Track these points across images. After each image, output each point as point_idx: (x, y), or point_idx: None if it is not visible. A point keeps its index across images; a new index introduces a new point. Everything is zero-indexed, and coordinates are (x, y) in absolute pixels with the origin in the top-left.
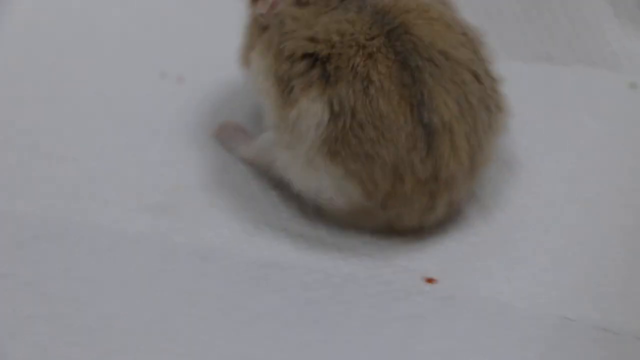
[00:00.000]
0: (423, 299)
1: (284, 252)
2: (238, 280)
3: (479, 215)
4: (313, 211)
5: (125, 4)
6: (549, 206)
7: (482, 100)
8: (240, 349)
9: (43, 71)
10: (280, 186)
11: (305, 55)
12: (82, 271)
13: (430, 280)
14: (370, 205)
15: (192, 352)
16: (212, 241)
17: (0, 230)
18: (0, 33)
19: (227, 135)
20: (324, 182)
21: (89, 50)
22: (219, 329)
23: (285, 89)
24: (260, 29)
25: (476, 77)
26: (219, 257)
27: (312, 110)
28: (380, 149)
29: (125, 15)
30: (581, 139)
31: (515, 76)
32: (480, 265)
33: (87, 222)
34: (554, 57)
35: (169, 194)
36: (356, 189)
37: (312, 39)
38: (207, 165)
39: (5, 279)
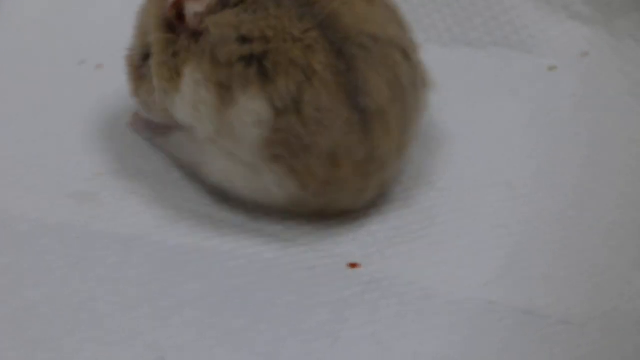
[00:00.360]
0: (347, 284)
1: (206, 238)
2: (161, 267)
3: (402, 199)
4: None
5: None
6: (470, 189)
7: (410, 78)
8: (165, 336)
9: None
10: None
11: (241, 57)
12: (3, 259)
13: (353, 265)
14: (305, 195)
15: (117, 339)
16: (134, 228)
17: None
18: None
19: (141, 125)
20: (265, 182)
21: (6, 37)
22: (143, 316)
23: (226, 93)
24: (189, 41)
25: (404, 54)
26: (141, 244)
27: (251, 107)
28: (318, 139)
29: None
30: (502, 122)
31: (435, 60)
32: (403, 250)
33: (6, 210)
34: (472, 41)
35: (89, 181)
36: (294, 181)
37: (244, 39)
38: (128, 153)
39: None
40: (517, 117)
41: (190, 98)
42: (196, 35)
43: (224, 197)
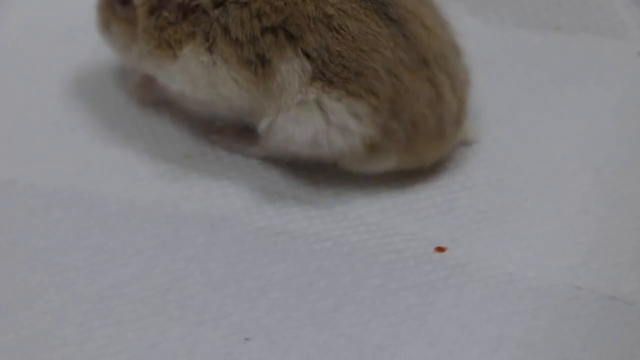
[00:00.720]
0: (433, 268)
1: (293, 220)
2: (248, 249)
3: (489, 183)
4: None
5: None
6: (558, 174)
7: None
8: (252, 317)
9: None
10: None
11: (263, 31)
12: (93, 240)
13: (440, 249)
14: (382, 120)
15: (204, 319)
16: (222, 209)
17: (10, 199)
18: None
19: (229, 140)
20: (332, 115)
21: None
22: (230, 297)
23: (257, 66)
24: (171, 23)
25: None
26: (229, 225)
27: (292, 69)
28: (366, 63)
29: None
30: (590, 107)
31: (523, 44)
32: (489, 234)
33: (97, 191)
34: (562, 26)
35: (179, 162)
36: (363, 106)
37: (259, 16)
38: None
39: (17, 248)
40: (606, 102)
41: (204, 79)
42: (183, 9)
43: (311, 179)
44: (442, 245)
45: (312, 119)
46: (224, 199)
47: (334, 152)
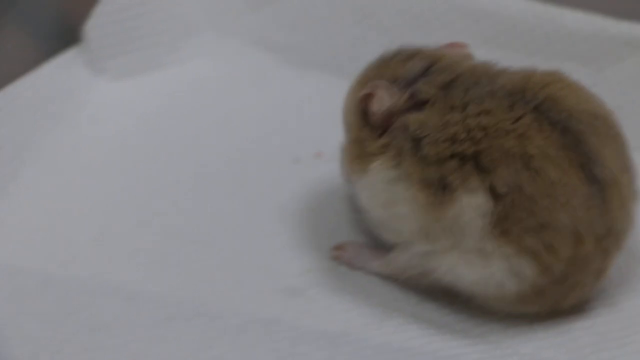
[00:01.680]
0: None
1: (412, 337)
2: None
3: (606, 305)
4: (462, 305)
5: (255, 94)
6: None
7: (627, 150)
8: None
9: (175, 155)
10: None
11: (453, 155)
12: (212, 352)
13: None
14: (544, 282)
15: None
16: (341, 325)
17: (135, 309)
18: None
19: (351, 255)
20: (496, 268)
21: (222, 135)
22: None
23: (437, 189)
24: (372, 137)
25: (619, 128)
26: (348, 342)
27: (474, 202)
28: (557, 215)
29: (260, 101)
30: None
31: None
32: (606, 356)
33: (218, 303)
34: None
35: (299, 277)
36: (531, 265)
37: (453, 140)
38: None
39: (139, 359)
40: None
41: (383, 195)
42: (378, 130)
43: (430, 295)
44: None
45: (480, 269)
46: (344, 315)
47: (485, 297)
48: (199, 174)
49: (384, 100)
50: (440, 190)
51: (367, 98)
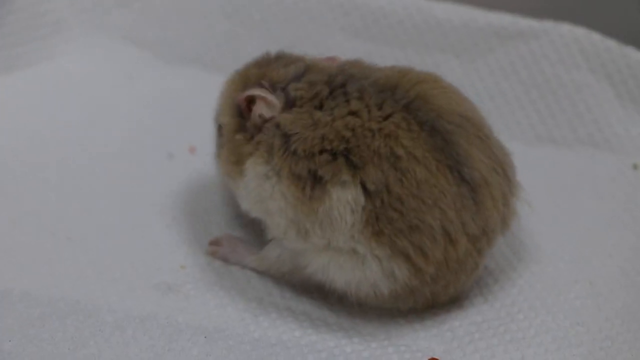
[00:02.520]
0: None
1: (287, 330)
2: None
3: (482, 295)
4: (335, 300)
5: (128, 90)
6: (552, 286)
7: (501, 151)
8: None
9: (46, 152)
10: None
11: (323, 151)
12: (88, 350)
13: None
14: (417, 284)
15: None
16: (216, 320)
17: (6, 308)
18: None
19: (226, 251)
20: (369, 271)
21: (94, 131)
22: None
23: (307, 184)
24: (246, 137)
25: (490, 132)
26: (223, 337)
27: (344, 197)
28: (426, 217)
29: (131, 96)
30: (584, 220)
31: (518, 158)
32: (483, 345)
33: (92, 301)
34: (556, 139)
35: (174, 273)
36: (404, 268)
37: (323, 138)
38: None
39: (12, 358)
40: (600, 215)
41: (255, 192)
42: (252, 130)
43: (305, 290)
44: (436, 356)
45: (353, 271)
46: (219, 310)
47: (358, 296)
48: (70, 171)
49: (269, 107)
50: (309, 184)
51: (249, 100)
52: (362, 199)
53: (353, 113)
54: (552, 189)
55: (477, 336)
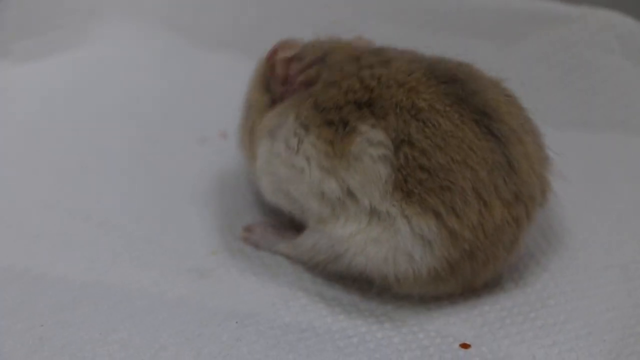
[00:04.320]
0: None
1: (318, 316)
2: (273, 345)
3: (513, 280)
4: (376, 291)
5: (161, 75)
6: (584, 272)
7: (528, 115)
8: None
9: (81, 137)
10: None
11: (347, 102)
12: (120, 335)
13: (464, 346)
14: (456, 255)
15: None
16: (247, 306)
17: (40, 293)
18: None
19: (258, 237)
20: (401, 235)
21: (127, 116)
22: None
23: (339, 126)
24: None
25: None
26: (254, 322)
27: (375, 137)
28: (456, 176)
29: (164, 81)
30: (617, 206)
31: (551, 142)
32: (514, 331)
33: (125, 286)
34: (589, 124)
35: (206, 259)
36: (437, 229)
37: (348, 90)
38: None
39: (44, 342)
40: (632, 200)
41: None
42: (285, 84)
43: (337, 275)
44: (467, 341)
45: (388, 241)
46: (251, 295)
47: (396, 277)
48: (104, 156)
49: (290, 48)
50: (341, 126)
51: (274, 54)
52: (390, 144)
53: (384, 63)
54: (585, 174)
55: (507, 321)
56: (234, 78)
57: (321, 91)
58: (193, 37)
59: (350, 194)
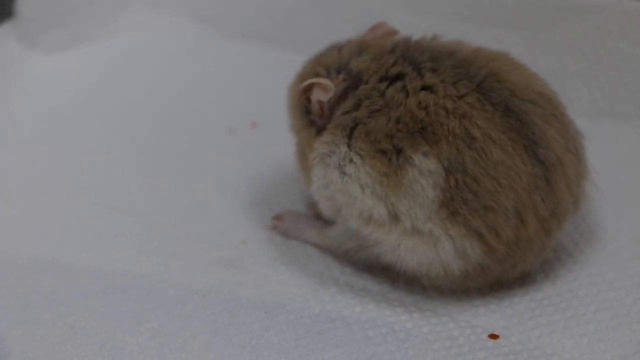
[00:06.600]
0: (486, 355)
1: (348, 306)
2: (303, 334)
3: (544, 271)
4: (405, 282)
5: (190, 65)
6: (613, 263)
7: (574, 130)
8: None
9: (110, 127)
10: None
11: (398, 130)
12: (150, 324)
13: (493, 336)
14: (488, 262)
15: None
16: (277, 295)
17: (69, 282)
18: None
19: (288, 225)
20: (443, 250)
21: (156, 106)
22: None
23: (392, 155)
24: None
25: (564, 109)
26: (284, 311)
27: (427, 166)
28: (500, 197)
29: (193, 72)
30: None
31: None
32: (543, 321)
33: (155, 275)
34: (618, 114)
35: (235, 248)
36: (476, 247)
37: (398, 121)
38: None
39: (74, 332)
40: None
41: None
42: (321, 122)
43: (366, 265)
44: (496, 332)
45: (425, 252)
46: (280, 285)
47: (429, 276)
48: (132, 145)
49: (325, 90)
50: (394, 155)
51: (307, 90)
52: (442, 171)
53: (427, 88)
54: (614, 165)
55: (537, 312)
56: (264, 68)
57: (368, 118)
58: (222, 27)
59: (395, 216)
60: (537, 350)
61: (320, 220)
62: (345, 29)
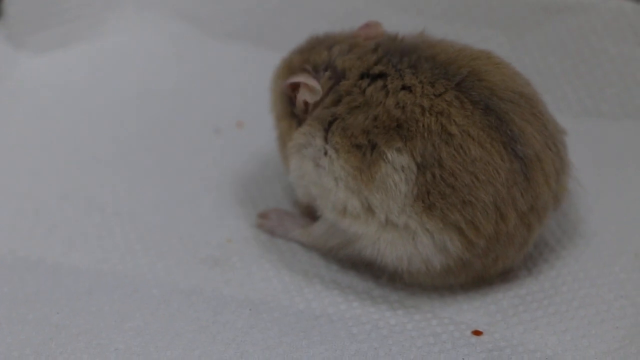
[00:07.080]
0: (470, 351)
1: (332, 303)
2: (287, 332)
3: (526, 268)
4: (388, 278)
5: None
6: (596, 259)
7: (554, 127)
8: None
9: (96, 128)
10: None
11: (375, 127)
12: (134, 323)
13: (477, 333)
14: (469, 257)
15: None
16: (262, 293)
17: (56, 282)
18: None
19: (273, 223)
20: (421, 245)
21: (143, 107)
22: None
23: (367, 150)
24: (294, 124)
25: (544, 108)
26: (268, 309)
27: (400, 162)
28: (479, 192)
29: (180, 72)
30: (629, 193)
31: None
32: (527, 318)
33: (139, 275)
34: (603, 113)
35: (221, 247)
36: (456, 241)
37: (376, 119)
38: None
39: (59, 330)
40: None
41: (310, 172)
42: (304, 115)
43: (351, 263)
44: (479, 328)
45: (404, 246)
46: (265, 283)
47: (409, 272)
48: (120, 146)
49: (312, 92)
50: (369, 150)
51: (294, 87)
52: (414, 167)
53: (407, 88)
54: (599, 163)
55: (520, 309)
56: (249, 68)
57: (347, 114)
58: (208, 27)
59: (369, 209)
60: (520, 346)
61: (305, 218)
62: (331, 29)
